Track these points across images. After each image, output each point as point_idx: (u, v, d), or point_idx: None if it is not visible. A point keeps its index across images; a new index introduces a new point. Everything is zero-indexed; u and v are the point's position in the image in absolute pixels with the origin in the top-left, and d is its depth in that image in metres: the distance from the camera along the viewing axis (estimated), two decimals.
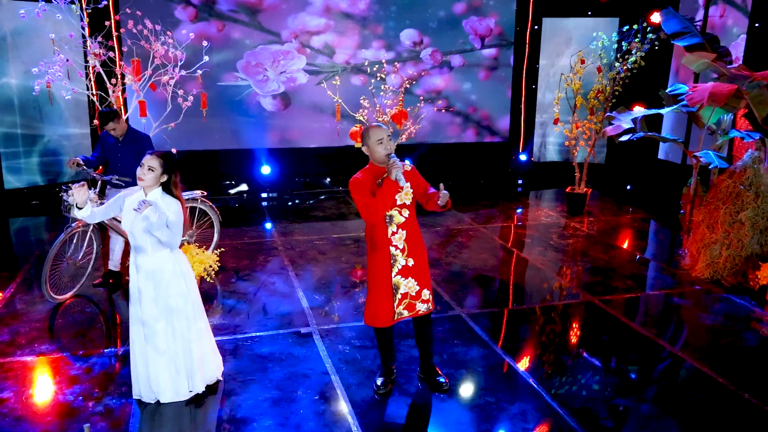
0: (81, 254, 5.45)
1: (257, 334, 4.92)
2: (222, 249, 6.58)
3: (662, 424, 3.78)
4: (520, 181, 10.83)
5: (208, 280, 5.76)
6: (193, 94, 6.51)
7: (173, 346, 3.81)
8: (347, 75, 10.02)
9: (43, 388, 4.09)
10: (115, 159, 5.61)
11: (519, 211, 9.28)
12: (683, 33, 7.20)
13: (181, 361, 3.84)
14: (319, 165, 10.36)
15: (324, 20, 9.84)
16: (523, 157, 10.91)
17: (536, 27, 10.79)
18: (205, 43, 6.67)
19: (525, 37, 10.79)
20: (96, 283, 5.75)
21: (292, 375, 4.30)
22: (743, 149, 7.49)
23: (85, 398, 3.95)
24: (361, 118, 8.62)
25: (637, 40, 8.29)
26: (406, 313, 3.94)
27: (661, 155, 10.14)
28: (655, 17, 9.29)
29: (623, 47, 8.45)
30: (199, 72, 6.62)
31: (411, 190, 3.82)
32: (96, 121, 6.37)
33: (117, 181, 5.37)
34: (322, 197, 9.81)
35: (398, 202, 3.78)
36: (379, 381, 4.14)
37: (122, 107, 6.71)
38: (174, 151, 6.81)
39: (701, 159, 6.36)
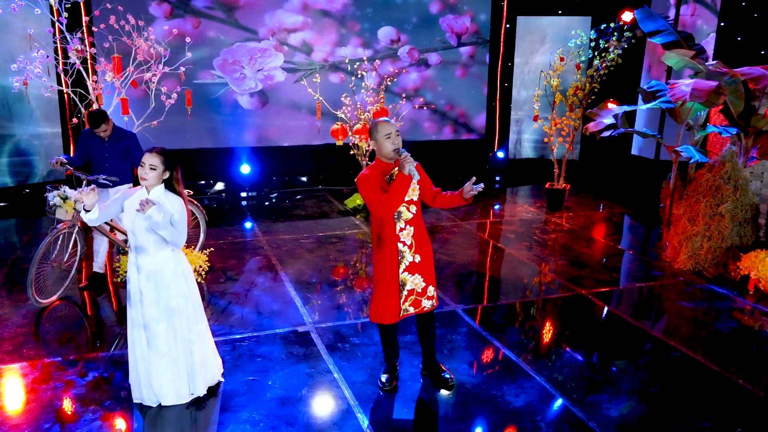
0: (66, 256, 5.29)
1: (254, 334, 4.85)
2: (210, 249, 6.48)
3: (660, 405, 3.86)
4: (497, 178, 10.93)
5: (198, 280, 5.65)
6: (177, 92, 6.38)
7: (174, 348, 3.73)
8: (325, 73, 9.96)
9: (38, 394, 3.96)
10: (101, 158, 5.46)
11: (498, 207, 9.37)
12: (660, 31, 7.38)
13: (182, 363, 3.76)
14: (297, 163, 10.28)
15: (301, 17, 9.77)
16: (500, 155, 11.03)
17: (509, 26, 10.90)
18: (188, 40, 6.54)
19: (499, 36, 10.90)
20: (82, 286, 5.59)
21: (294, 374, 4.25)
22: (717, 144, 7.70)
23: (83, 403, 3.83)
24: (343, 116, 8.59)
25: (615, 38, 8.44)
26: (411, 310, 3.94)
27: (634, 151, 10.37)
28: (627, 15, 9.52)
29: (600, 45, 8.58)
30: (182, 69, 6.49)
31: (417, 186, 3.81)
32: (75, 120, 6.20)
33: (104, 181, 5.23)
34: (301, 196, 9.73)
35: (405, 198, 3.77)
36: (383, 378, 4.13)
37: (102, 105, 6.52)
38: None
39: (682, 154, 6.52)
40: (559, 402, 3.94)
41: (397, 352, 4.18)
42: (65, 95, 6.50)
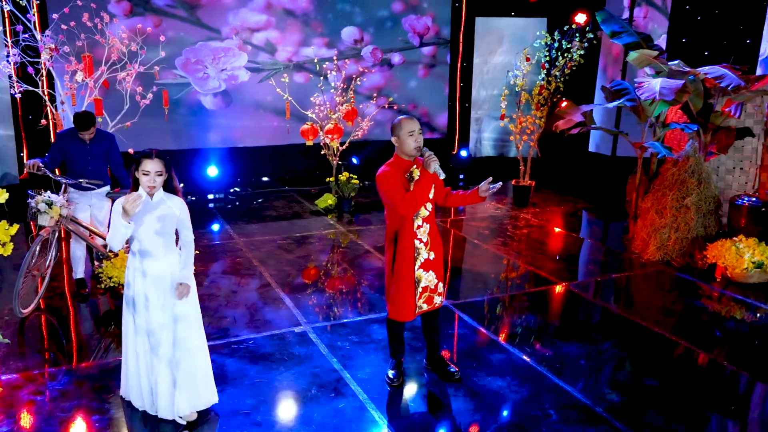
0: (47, 263, 5.08)
1: (251, 336, 4.80)
2: None
3: (653, 386, 4.07)
4: (461, 176, 11.11)
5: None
6: (153, 92, 6.22)
7: (178, 356, 3.60)
8: (290, 73, 9.89)
9: (35, 407, 3.79)
10: (83, 161, 5.25)
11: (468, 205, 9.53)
12: (621, 32, 7.69)
13: (185, 372, 3.62)
14: (263, 164, 10.16)
15: (265, 17, 9.67)
16: (463, 153, 11.21)
17: (467, 27, 11.09)
18: (162, 39, 6.39)
19: (459, 36, 11.09)
20: (83, 293, 5.38)
21: (301, 374, 4.23)
22: (674, 140, 8.08)
23: (87, 412, 3.71)
24: (313, 116, 8.56)
25: (578, 38, 8.73)
26: (425, 307, 3.99)
27: (591, 148, 10.75)
28: (580, 17, 9.89)
29: (564, 45, 8.87)
30: (157, 68, 6.34)
31: (433, 185, 3.87)
32: (44, 122, 5.95)
33: (88, 185, 5.04)
34: (270, 197, 9.63)
35: None
36: (391, 373, 4.17)
37: (75, 106, 6.28)
38: (131, 151, 6.51)
39: (649, 149, 6.82)
40: (563, 388, 4.08)
41: (404, 348, 4.23)
42: (17, 98, 6.19)
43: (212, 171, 9.57)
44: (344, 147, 8.73)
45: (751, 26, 8.45)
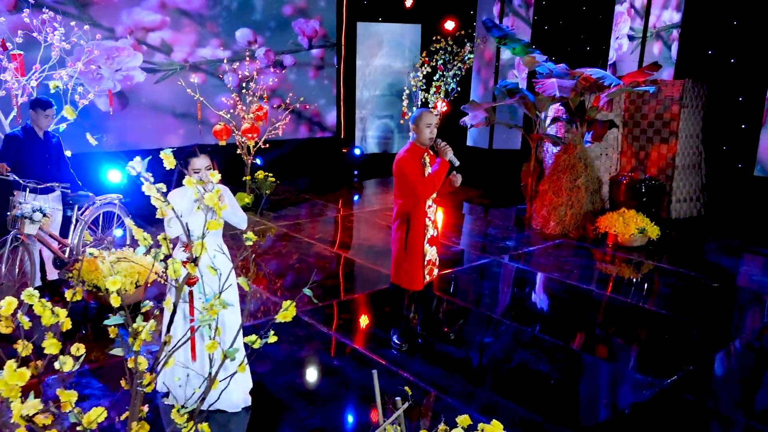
0: (25, 272, 4.82)
1: (247, 324, 5.00)
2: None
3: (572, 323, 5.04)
4: (355, 172, 11.70)
5: (162, 282, 5.52)
6: (96, 92, 6.03)
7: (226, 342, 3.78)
8: (186, 73, 9.77)
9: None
10: (41, 161, 5.02)
11: (372, 197, 10.16)
12: (505, 38, 8.80)
13: (234, 364, 3.81)
14: (162, 166, 9.89)
15: (160, 16, 9.47)
16: (357, 151, 11.80)
17: (349, 31, 11.73)
18: (98, 36, 6.19)
19: (341, 40, 11.68)
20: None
21: (317, 351, 4.57)
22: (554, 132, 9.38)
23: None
24: (227, 116, 8.64)
25: (469, 44, 9.75)
26: (428, 278, 4.55)
27: (469, 142, 11.93)
28: (449, 24, 11.02)
29: (454, 50, 9.84)
30: (93, 66, 6.13)
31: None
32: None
33: (64, 190, 4.87)
34: None
35: None
36: (397, 339, 4.66)
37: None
38: (69, 153, 6.23)
39: (548, 138, 7.97)
40: (528, 333, 4.89)
41: (406, 316, 4.75)
42: None
43: (115, 176, 9.15)
44: (258, 146, 8.90)
45: (602, 36, 10.08)
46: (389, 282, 4.67)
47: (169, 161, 2.05)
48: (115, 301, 1.92)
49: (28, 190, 4.90)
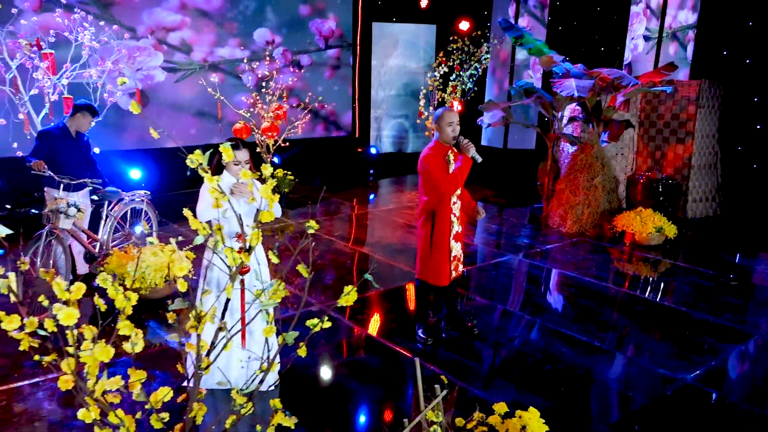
0: (63, 264, 4.95)
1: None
2: None
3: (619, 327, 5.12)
4: (371, 171, 11.80)
5: (192, 276, 5.63)
6: (122, 90, 6.15)
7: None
8: (205, 73, 9.91)
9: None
10: (74, 159, 5.15)
11: (388, 196, 10.25)
12: (521, 39, 8.88)
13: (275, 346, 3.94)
14: (181, 165, 10.03)
15: (180, 17, 9.61)
16: (373, 150, 11.91)
17: (363, 31, 11.83)
18: (127, 36, 6.32)
19: (357, 40, 11.79)
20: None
21: (341, 343, 4.67)
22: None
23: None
24: (248, 115, 8.76)
25: (485, 44, 9.82)
26: (453, 274, 4.64)
27: (484, 142, 12.00)
28: (464, 25, 11.10)
29: (471, 50, 9.93)
30: (121, 65, 6.26)
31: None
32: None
33: (96, 186, 5.00)
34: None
35: None
36: (422, 333, 4.75)
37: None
38: (96, 151, 6.37)
39: (565, 138, 8.04)
40: (550, 329, 4.97)
41: (439, 309, 4.84)
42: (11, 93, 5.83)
43: (135, 174, 9.30)
44: (277, 145, 9.02)
45: (617, 36, 10.13)
46: (414, 277, 4.76)
47: (227, 154, 2.15)
48: (181, 286, 2.02)
49: (62, 186, 5.02)
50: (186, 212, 2.33)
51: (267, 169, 2.39)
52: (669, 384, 4.20)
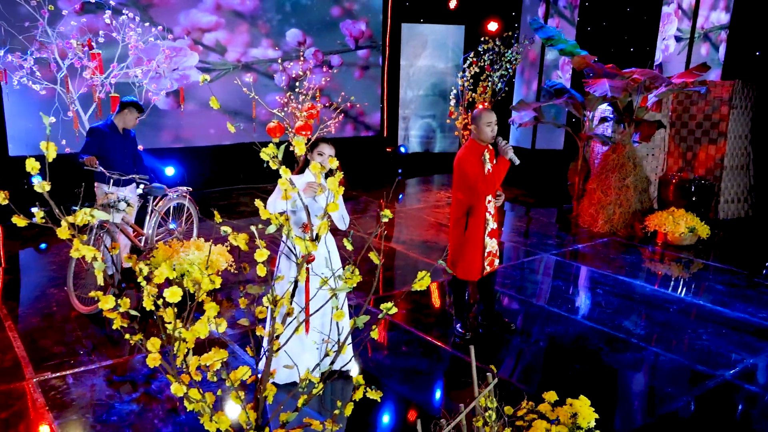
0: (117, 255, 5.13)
1: None
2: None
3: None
4: (399, 170, 11.91)
5: (232, 270, 5.79)
6: (167, 90, 6.34)
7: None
8: (239, 73, 10.10)
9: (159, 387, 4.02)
10: (122, 155, 5.34)
11: (417, 195, 10.36)
12: (553, 39, 8.92)
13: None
14: (214, 163, 10.25)
15: (215, 18, 9.80)
16: (402, 150, 12.02)
17: (392, 32, 11.94)
18: (170, 36, 6.50)
19: (386, 41, 11.90)
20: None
21: (385, 337, 4.78)
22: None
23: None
24: (281, 114, 8.92)
25: (516, 44, 9.88)
26: (488, 269, 4.72)
27: (512, 142, 12.04)
28: (492, 25, 11.16)
29: (501, 51, 9.99)
30: (161, 65, 6.44)
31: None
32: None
33: (141, 180, 5.17)
34: (233, 194, 9.80)
35: None
36: (460, 328, 4.84)
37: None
38: (141, 148, 6.56)
39: (597, 138, 8.07)
40: (584, 326, 5.03)
41: (469, 306, 4.93)
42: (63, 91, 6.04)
43: (169, 171, 9.52)
44: (310, 143, 9.15)
45: (647, 37, 10.12)
46: (450, 274, 4.85)
47: (300, 147, 2.26)
48: (260, 271, 2.14)
49: (111, 181, 5.21)
50: (257, 203, 2.45)
51: (334, 162, 2.50)
52: (708, 380, 4.24)
